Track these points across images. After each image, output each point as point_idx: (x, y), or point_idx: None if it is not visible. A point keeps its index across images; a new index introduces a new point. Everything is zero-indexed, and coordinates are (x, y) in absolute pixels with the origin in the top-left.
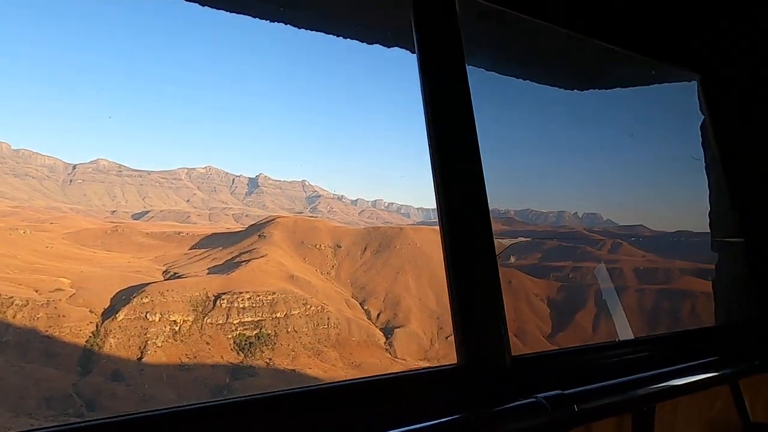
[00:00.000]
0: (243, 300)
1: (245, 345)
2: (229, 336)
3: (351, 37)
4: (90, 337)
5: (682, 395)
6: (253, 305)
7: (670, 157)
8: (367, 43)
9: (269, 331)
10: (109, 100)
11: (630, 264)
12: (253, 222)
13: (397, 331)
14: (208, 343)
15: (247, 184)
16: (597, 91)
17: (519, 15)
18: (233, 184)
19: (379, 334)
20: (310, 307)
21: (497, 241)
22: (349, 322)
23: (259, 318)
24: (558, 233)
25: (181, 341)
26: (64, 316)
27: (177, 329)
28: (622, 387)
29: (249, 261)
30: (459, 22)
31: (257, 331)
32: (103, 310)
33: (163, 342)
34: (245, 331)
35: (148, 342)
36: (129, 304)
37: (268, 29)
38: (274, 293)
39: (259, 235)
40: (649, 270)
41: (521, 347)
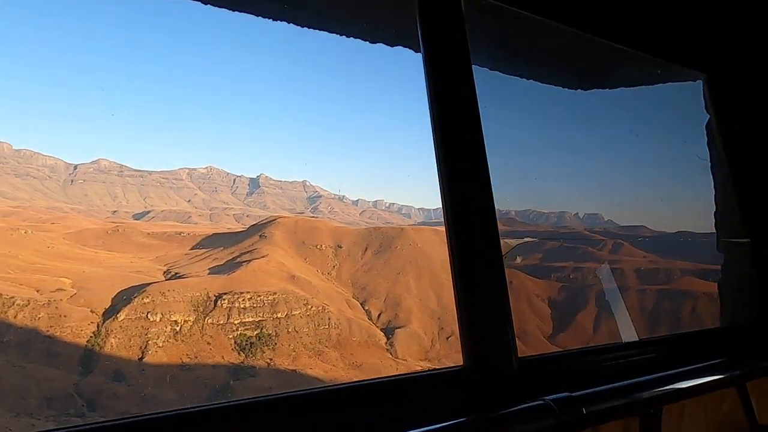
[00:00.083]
0: (244, 300)
1: (246, 345)
2: (230, 336)
3: (354, 35)
4: (91, 337)
5: (689, 397)
6: (254, 305)
7: (671, 157)
8: (371, 42)
9: (270, 332)
10: (110, 101)
11: (631, 264)
12: (254, 222)
13: (398, 331)
14: (209, 343)
15: (248, 185)
16: (599, 91)
17: (523, 12)
18: (234, 184)
19: (380, 334)
20: (311, 307)
21: (503, 241)
22: (350, 322)
23: (260, 318)
24: (559, 233)
25: (182, 341)
26: (65, 316)
27: (178, 329)
28: (630, 389)
29: (250, 261)
30: (464, 20)
31: (258, 331)
32: (104, 310)
33: (164, 342)
34: (246, 332)
35: (149, 342)
36: (130, 304)
37: (269, 29)
38: (275, 293)
39: (260, 236)
40: (650, 270)
41: (523, 348)
